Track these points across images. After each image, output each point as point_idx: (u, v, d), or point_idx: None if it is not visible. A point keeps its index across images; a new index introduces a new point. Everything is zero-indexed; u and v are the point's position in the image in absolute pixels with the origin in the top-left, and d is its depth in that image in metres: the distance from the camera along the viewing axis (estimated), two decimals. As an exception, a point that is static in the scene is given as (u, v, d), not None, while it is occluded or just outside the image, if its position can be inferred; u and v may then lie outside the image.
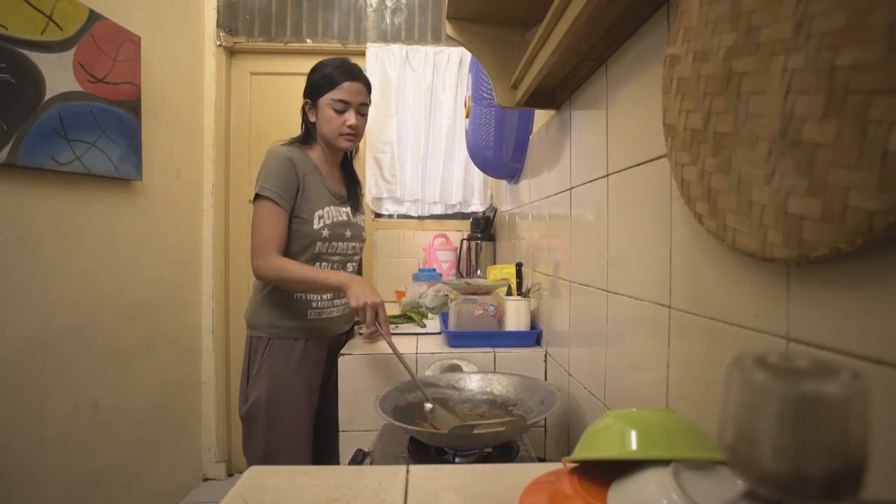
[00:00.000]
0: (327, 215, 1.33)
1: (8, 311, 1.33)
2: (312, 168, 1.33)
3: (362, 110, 1.35)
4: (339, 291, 1.20)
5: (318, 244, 1.31)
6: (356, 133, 1.35)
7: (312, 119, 1.36)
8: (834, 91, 0.34)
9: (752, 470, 0.21)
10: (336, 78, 1.31)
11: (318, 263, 1.33)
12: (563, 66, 0.91)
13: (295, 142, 1.37)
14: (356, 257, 1.44)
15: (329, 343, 1.40)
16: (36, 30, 1.38)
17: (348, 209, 1.41)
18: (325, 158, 1.38)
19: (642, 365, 0.71)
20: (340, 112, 1.31)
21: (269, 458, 1.25)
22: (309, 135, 1.37)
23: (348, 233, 1.38)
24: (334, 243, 1.35)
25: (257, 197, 1.26)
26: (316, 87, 1.33)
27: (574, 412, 1.02)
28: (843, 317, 0.37)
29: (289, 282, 1.25)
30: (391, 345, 1.14)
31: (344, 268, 1.40)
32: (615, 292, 0.81)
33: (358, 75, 1.33)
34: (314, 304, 1.34)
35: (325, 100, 1.31)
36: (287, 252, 1.29)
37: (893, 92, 0.31)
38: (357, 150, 1.49)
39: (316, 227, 1.30)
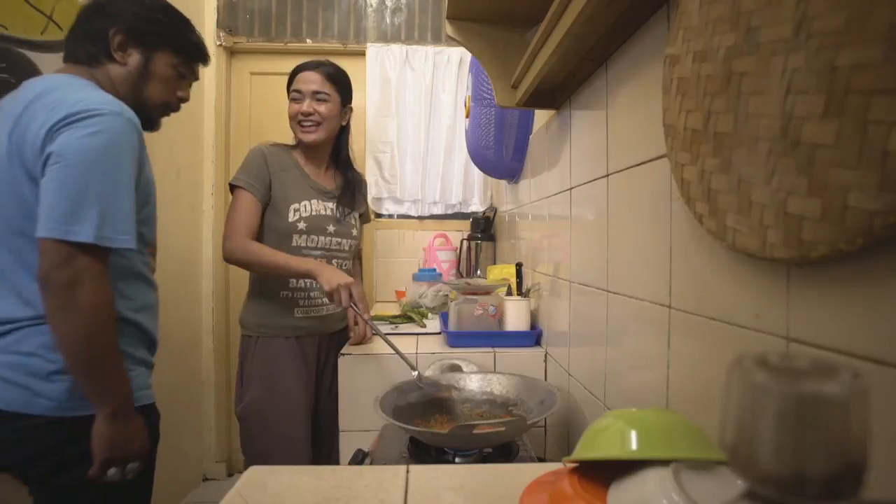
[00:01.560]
0: (304, 208, 1.34)
1: (8, 311, 1.33)
2: (292, 165, 1.36)
3: (320, 97, 1.35)
4: (307, 278, 1.25)
5: (295, 237, 1.32)
6: (310, 119, 1.35)
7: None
8: (834, 91, 0.34)
9: (752, 470, 0.21)
10: (294, 73, 1.39)
11: None
12: (563, 66, 0.91)
13: (283, 143, 1.41)
14: (342, 254, 1.42)
15: (320, 341, 1.40)
16: (36, 30, 1.38)
17: (333, 205, 1.40)
18: (307, 155, 1.40)
19: (642, 365, 0.71)
20: (296, 101, 1.36)
21: (266, 457, 1.25)
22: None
23: (331, 227, 1.37)
24: (313, 236, 1.34)
25: (231, 188, 1.31)
26: (288, 84, 1.40)
27: (574, 412, 1.02)
28: (843, 317, 0.37)
29: (255, 265, 1.27)
30: (371, 325, 1.20)
31: (328, 263, 1.37)
32: (615, 292, 0.81)
33: (312, 66, 1.37)
34: (301, 303, 1.35)
35: (291, 94, 1.38)
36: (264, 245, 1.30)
37: (893, 92, 0.31)
38: (347, 148, 1.47)
39: (291, 219, 1.31)
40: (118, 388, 0.86)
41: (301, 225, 1.33)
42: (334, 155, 1.46)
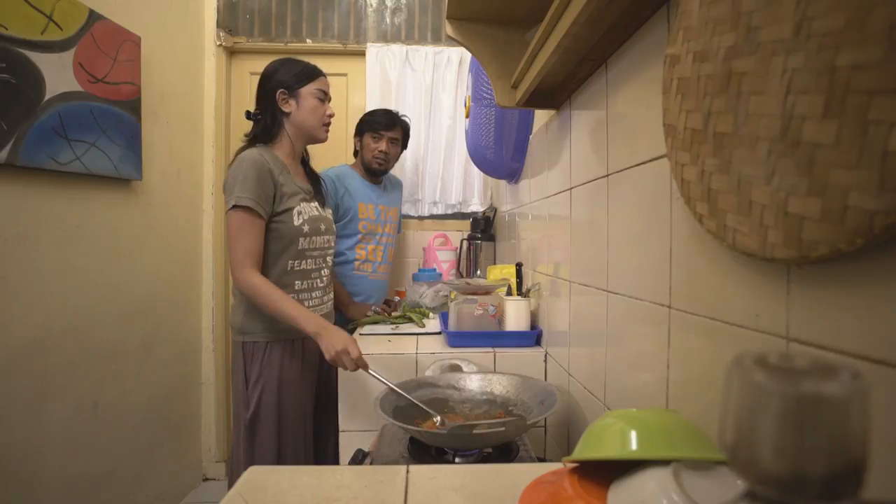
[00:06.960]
0: (304, 211, 1.34)
1: (8, 311, 1.33)
2: (282, 167, 1.33)
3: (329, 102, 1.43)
4: (310, 336, 1.18)
5: (301, 240, 1.32)
6: (331, 121, 1.42)
7: (287, 109, 1.36)
8: (834, 91, 0.34)
9: (752, 470, 0.21)
10: (315, 71, 1.40)
11: (301, 261, 1.33)
12: (563, 66, 0.91)
13: (258, 140, 1.35)
14: (331, 251, 1.46)
15: None
16: (36, 30, 1.37)
17: (317, 203, 1.42)
18: (292, 154, 1.39)
19: (642, 365, 0.71)
20: (322, 101, 1.38)
21: (278, 460, 1.26)
22: (274, 127, 1.36)
23: (322, 226, 1.40)
24: (313, 238, 1.36)
25: (234, 207, 1.21)
26: (296, 77, 1.36)
27: (574, 412, 1.02)
28: (843, 317, 0.37)
29: (264, 306, 1.22)
30: (376, 376, 1.08)
31: (324, 261, 1.41)
32: (615, 292, 0.81)
33: (323, 74, 1.42)
34: (307, 304, 1.35)
35: (309, 89, 1.35)
36: (270, 252, 1.28)
37: (893, 92, 0.31)
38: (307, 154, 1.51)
39: (296, 223, 1.31)
40: None
41: (305, 228, 1.33)
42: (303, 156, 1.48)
